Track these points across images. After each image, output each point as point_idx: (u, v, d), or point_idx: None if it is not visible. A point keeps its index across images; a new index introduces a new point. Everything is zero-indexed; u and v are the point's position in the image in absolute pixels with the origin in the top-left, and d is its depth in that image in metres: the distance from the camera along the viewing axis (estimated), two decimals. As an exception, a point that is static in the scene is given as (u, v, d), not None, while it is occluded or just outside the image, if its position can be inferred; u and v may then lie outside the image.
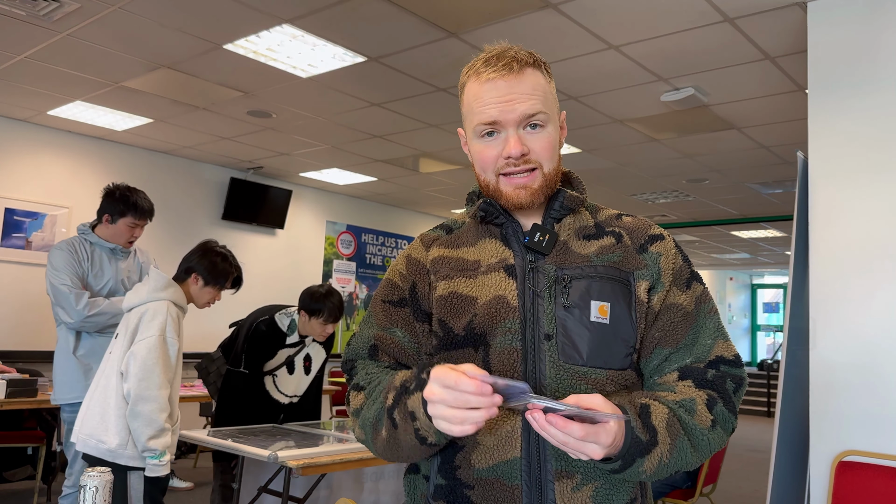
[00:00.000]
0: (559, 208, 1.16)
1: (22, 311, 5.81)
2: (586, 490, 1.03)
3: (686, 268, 1.16)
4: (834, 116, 3.00)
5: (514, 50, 1.12)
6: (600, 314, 1.07)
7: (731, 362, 1.11)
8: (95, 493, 1.35)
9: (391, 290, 1.20)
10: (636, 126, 5.15)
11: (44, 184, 5.98)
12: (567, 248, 1.13)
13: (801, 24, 3.37)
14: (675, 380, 1.09)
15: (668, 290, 1.12)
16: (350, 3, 3.42)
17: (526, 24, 3.55)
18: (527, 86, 1.10)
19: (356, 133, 5.70)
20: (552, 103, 1.15)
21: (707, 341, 1.11)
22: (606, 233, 1.16)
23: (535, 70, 1.12)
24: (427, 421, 0.99)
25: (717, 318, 1.14)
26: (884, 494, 2.69)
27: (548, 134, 1.12)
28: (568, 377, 1.05)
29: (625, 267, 1.11)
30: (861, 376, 2.81)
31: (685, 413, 1.04)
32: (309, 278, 8.07)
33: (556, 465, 1.03)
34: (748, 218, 8.75)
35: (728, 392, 1.09)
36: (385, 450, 1.10)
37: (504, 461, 1.04)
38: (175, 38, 3.92)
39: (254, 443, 2.74)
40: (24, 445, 4.80)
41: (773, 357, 14.24)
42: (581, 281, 1.09)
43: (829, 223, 2.96)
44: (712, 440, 1.05)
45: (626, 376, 1.08)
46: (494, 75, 1.09)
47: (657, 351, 1.11)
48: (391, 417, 1.05)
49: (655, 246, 1.14)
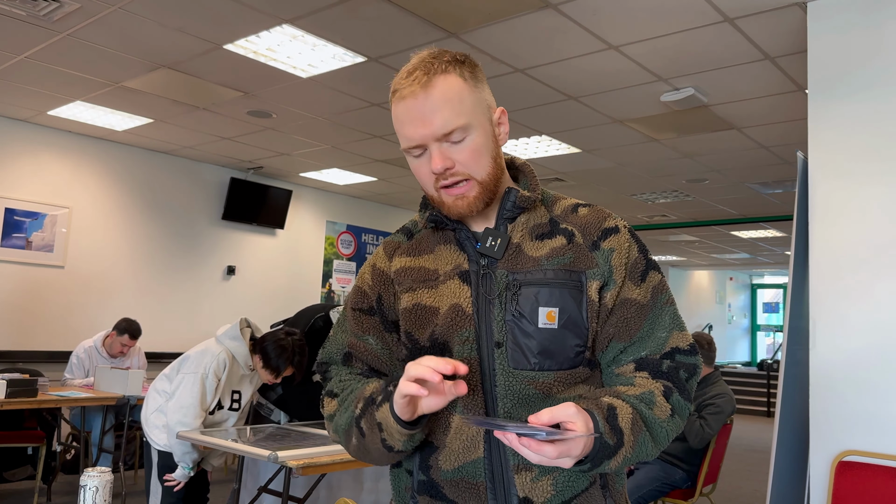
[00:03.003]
0: (511, 208, 1.16)
1: (22, 311, 5.81)
2: (546, 480, 1.07)
3: (641, 259, 1.15)
4: (834, 116, 3.00)
5: (426, 59, 1.10)
6: (548, 320, 1.08)
7: (686, 352, 1.13)
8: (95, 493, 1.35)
9: (361, 298, 1.23)
10: (636, 126, 5.15)
11: (44, 184, 5.98)
12: (520, 250, 1.14)
13: (801, 24, 3.37)
14: (633, 370, 1.11)
15: (620, 286, 1.13)
16: (350, 3, 3.42)
17: (526, 24, 3.55)
18: (437, 99, 1.07)
19: (356, 133, 5.70)
20: (473, 107, 1.10)
21: (662, 334, 1.12)
22: (560, 230, 1.16)
23: (448, 76, 1.09)
24: (394, 429, 1.05)
25: (673, 308, 1.15)
26: (884, 494, 2.69)
27: (471, 143, 1.09)
28: (517, 382, 1.08)
29: (576, 267, 1.12)
30: (861, 376, 2.81)
31: (645, 407, 1.06)
32: (309, 278, 8.07)
33: (515, 460, 1.07)
34: (748, 218, 8.75)
35: (682, 380, 1.11)
36: (357, 453, 1.16)
37: (468, 462, 1.09)
38: (175, 38, 3.92)
39: (254, 443, 2.74)
40: (24, 445, 4.81)
41: (772, 357, 14.25)
42: (531, 287, 1.10)
43: (828, 223, 2.96)
44: (670, 430, 1.08)
45: (576, 374, 1.10)
46: (406, 93, 1.09)
47: (612, 344, 1.12)
48: (359, 427, 1.11)
49: (608, 241, 1.14)
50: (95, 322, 6.15)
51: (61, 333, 5.97)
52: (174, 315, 6.79)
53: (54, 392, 4.49)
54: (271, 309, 7.51)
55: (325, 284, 8.28)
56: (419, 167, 1.13)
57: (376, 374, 1.21)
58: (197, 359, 2.98)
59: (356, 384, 1.17)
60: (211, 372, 2.94)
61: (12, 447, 4.93)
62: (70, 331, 5.99)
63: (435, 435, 1.13)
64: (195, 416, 2.89)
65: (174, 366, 3.07)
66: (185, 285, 6.91)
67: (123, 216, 6.49)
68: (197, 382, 2.92)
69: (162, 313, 6.69)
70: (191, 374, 2.94)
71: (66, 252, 6.08)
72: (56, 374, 5.34)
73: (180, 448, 2.88)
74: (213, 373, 2.94)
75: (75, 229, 6.16)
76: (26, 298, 5.84)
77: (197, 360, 2.97)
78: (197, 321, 6.94)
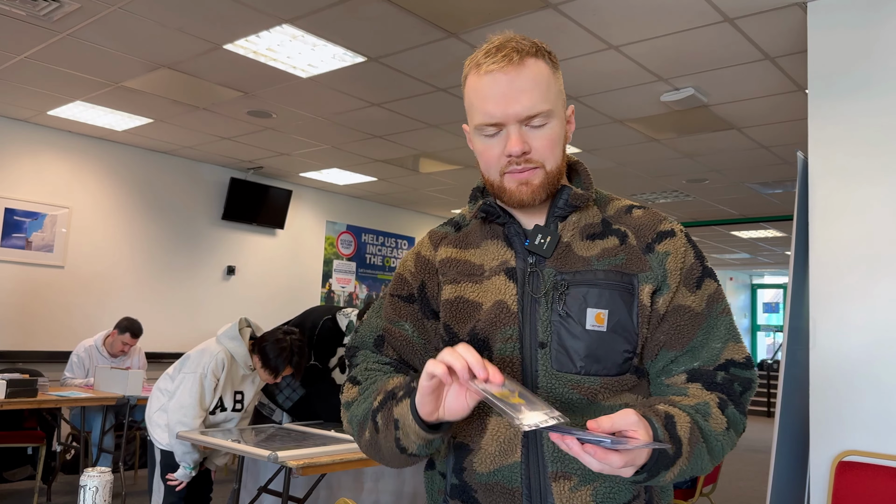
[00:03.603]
0: (563, 206, 1.11)
1: (22, 311, 5.81)
2: (585, 490, 1.02)
3: (697, 266, 1.10)
4: (834, 116, 3.00)
5: (515, 39, 1.06)
6: (597, 322, 1.04)
7: (742, 365, 1.07)
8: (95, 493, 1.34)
9: (401, 285, 1.19)
10: (636, 126, 5.15)
11: (44, 184, 5.98)
12: (569, 250, 1.09)
13: (801, 24, 3.37)
14: (684, 381, 1.06)
15: (674, 291, 1.07)
16: (350, 3, 3.42)
17: (526, 24, 3.55)
18: (527, 79, 1.03)
19: (356, 133, 5.70)
20: (556, 96, 1.07)
21: (717, 345, 1.07)
22: (612, 231, 1.11)
23: (538, 60, 1.06)
24: (410, 428, 1.00)
25: (729, 319, 1.09)
26: (884, 494, 2.69)
27: (550, 131, 1.06)
28: (559, 385, 1.03)
29: (628, 270, 1.07)
30: (861, 376, 2.81)
31: (701, 418, 1.01)
32: (309, 278, 8.07)
33: (553, 468, 1.02)
34: (748, 218, 8.75)
35: (736, 394, 1.05)
36: (367, 449, 1.11)
37: (504, 466, 1.04)
38: (175, 38, 3.92)
39: (254, 443, 2.74)
40: (24, 445, 4.81)
41: (773, 357, 14.25)
42: (579, 288, 1.05)
43: (829, 223, 2.96)
44: (725, 443, 1.03)
45: (623, 381, 1.05)
46: (493, 67, 1.04)
47: (663, 353, 1.07)
48: (374, 420, 1.06)
49: (663, 245, 1.09)
50: (95, 322, 6.15)
51: (61, 333, 5.97)
52: (174, 315, 6.79)
53: (54, 392, 4.49)
54: (271, 309, 7.51)
55: (324, 284, 8.28)
56: (489, 147, 1.08)
57: (405, 365, 1.17)
58: (196, 359, 2.98)
59: (381, 375, 1.13)
60: (209, 372, 2.94)
61: (12, 447, 4.93)
62: (70, 331, 5.99)
63: (470, 437, 1.08)
64: (195, 416, 2.89)
65: (177, 365, 3.08)
66: (184, 285, 6.91)
67: (123, 216, 6.49)
68: (196, 382, 2.92)
69: (162, 313, 6.69)
70: (190, 374, 2.95)
71: (65, 252, 6.08)
72: (56, 374, 5.33)
73: (181, 448, 2.88)
74: (211, 372, 2.95)
75: (75, 229, 6.16)
76: (26, 298, 5.83)
77: (196, 359, 2.98)
78: (197, 321, 6.94)
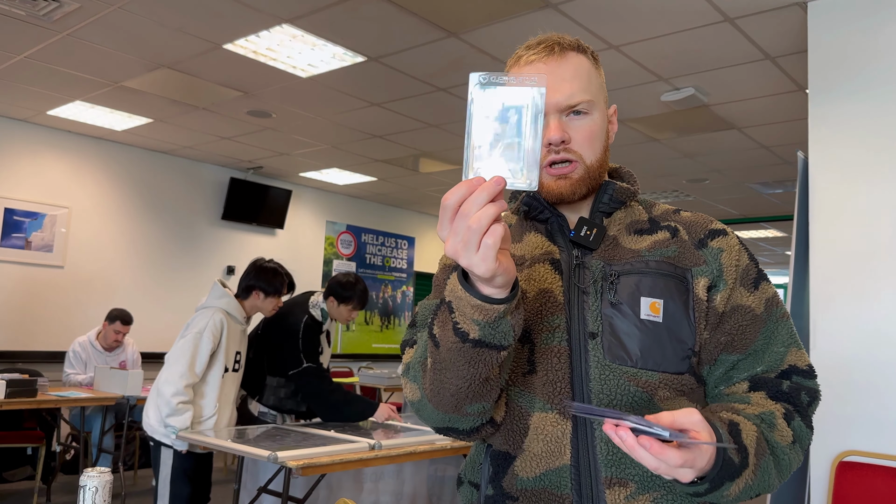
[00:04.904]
0: (608, 201, 1.08)
1: (21, 311, 5.81)
2: (642, 500, 0.94)
3: (752, 267, 1.05)
4: (834, 116, 3.00)
5: (557, 35, 1.07)
6: (652, 311, 0.98)
7: (805, 373, 1.01)
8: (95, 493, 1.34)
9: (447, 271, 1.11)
10: (636, 126, 5.15)
11: (44, 184, 5.98)
12: (616, 243, 1.05)
13: (801, 24, 3.37)
14: (746, 390, 0.99)
15: (732, 289, 1.01)
16: (350, 3, 3.42)
17: (526, 24, 3.55)
18: (568, 70, 1.03)
19: (356, 133, 5.70)
20: (598, 90, 1.06)
21: (779, 349, 1.01)
22: (661, 227, 1.07)
23: (580, 54, 1.06)
24: (464, 301, 0.84)
25: (789, 323, 1.04)
26: (884, 494, 2.69)
27: (590, 122, 1.04)
28: (614, 378, 0.96)
29: (681, 263, 1.02)
30: (861, 376, 2.81)
31: (767, 429, 0.93)
32: (309, 278, 8.06)
33: (607, 473, 0.94)
34: (748, 218, 8.75)
35: (804, 405, 0.99)
36: (433, 386, 0.95)
37: (552, 469, 0.96)
38: (175, 38, 3.92)
39: (253, 443, 2.74)
40: (24, 445, 4.81)
41: (772, 357, 14.22)
42: (630, 277, 1.00)
43: (829, 223, 2.96)
44: (793, 459, 0.95)
45: (683, 381, 0.98)
46: (534, 58, 1.04)
47: (723, 357, 1.00)
48: (432, 335, 0.93)
49: (717, 241, 1.04)
50: (95, 322, 6.14)
51: (61, 333, 5.96)
52: (174, 315, 6.78)
53: (54, 392, 4.49)
54: (271, 309, 7.51)
55: (324, 284, 8.27)
56: None
57: None
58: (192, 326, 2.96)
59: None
60: (208, 329, 2.92)
61: (12, 447, 4.93)
62: (70, 331, 5.99)
63: (510, 442, 1.00)
64: (185, 380, 2.83)
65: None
66: (184, 285, 6.91)
67: (123, 216, 6.49)
68: (190, 342, 2.88)
69: (161, 313, 6.69)
70: (183, 339, 2.91)
71: (65, 252, 6.08)
72: (56, 374, 5.33)
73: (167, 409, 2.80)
74: (209, 331, 2.93)
75: (75, 229, 6.16)
76: (26, 298, 5.83)
77: (192, 326, 2.96)
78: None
